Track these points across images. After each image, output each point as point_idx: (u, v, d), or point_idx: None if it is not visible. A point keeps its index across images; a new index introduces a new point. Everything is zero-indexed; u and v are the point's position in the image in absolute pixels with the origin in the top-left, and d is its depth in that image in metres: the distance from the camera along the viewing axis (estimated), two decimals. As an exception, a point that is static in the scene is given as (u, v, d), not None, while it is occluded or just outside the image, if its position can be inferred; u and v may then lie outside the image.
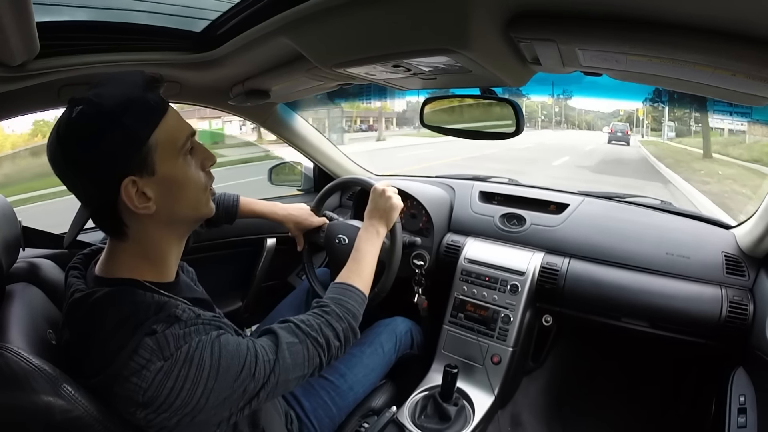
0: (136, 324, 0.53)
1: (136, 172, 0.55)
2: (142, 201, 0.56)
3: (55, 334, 0.62)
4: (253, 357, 0.59)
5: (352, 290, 0.79)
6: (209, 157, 0.64)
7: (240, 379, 0.57)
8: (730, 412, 0.93)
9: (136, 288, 0.57)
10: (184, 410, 0.52)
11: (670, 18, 0.50)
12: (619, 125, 15.15)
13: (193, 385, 0.52)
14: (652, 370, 1.38)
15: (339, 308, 0.74)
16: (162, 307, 0.55)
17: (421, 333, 1.24)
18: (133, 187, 0.55)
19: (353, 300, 0.78)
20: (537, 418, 1.33)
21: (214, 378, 0.54)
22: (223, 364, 0.55)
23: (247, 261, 1.52)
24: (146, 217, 0.57)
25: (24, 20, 0.52)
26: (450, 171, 1.69)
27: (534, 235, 1.28)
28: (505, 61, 0.69)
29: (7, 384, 0.48)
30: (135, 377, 0.51)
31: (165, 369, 0.52)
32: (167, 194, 0.58)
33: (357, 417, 1.00)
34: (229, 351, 0.56)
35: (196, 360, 0.53)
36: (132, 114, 0.54)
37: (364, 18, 0.63)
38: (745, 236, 1.08)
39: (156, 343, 0.52)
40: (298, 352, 0.64)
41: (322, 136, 1.58)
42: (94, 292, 0.56)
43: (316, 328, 0.68)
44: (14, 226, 0.80)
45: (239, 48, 0.82)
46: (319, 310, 0.73)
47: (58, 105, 0.96)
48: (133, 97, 0.55)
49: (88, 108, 0.54)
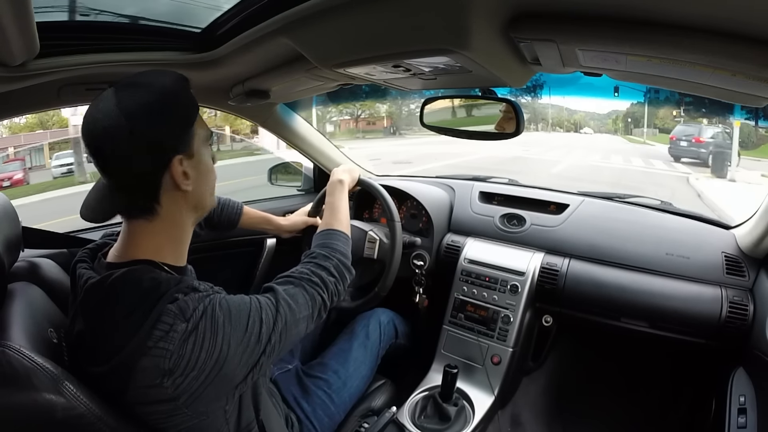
0: (159, 294, 0.55)
1: (183, 151, 0.60)
2: (184, 179, 0.61)
3: (56, 333, 0.62)
4: (257, 303, 0.62)
5: (333, 233, 0.85)
6: (213, 153, 0.70)
7: (251, 323, 0.59)
8: (730, 412, 0.93)
9: (153, 267, 0.60)
10: (209, 363, 0.54)
11: (669, 18, 0.50)
12: (685, 130, 8.72)
13: (212, 335, 0.55)
14: (652, 370, 1.38)
15: (324, 250, 0.80)
16: (180, 281, 0.58)
17: (404, 323, 1.25)
18: (179, 165, 0.60)
19: (337, 240, 0.83)
20: (537, 418, 1.33)
21: (229, 324, 0.57)
22: (233, 311, 0.58)
23: (247, 261, 1.52)
24: (180, 197, 0.62)
25: (24, 20, 0.52)
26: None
27: (534, 236, 1.28)
28: (505, 61, 0.69)
29: (8, 382, 0.49)
30: (162, 342, 0.53)
31: (189, 329, 0.54)
32: (199, 176, 0.64)
33: (357, 417, 1.00)
34: (234, 300, 0.60)
35: (209, 314, 0.56)
36: (185, 97, 0.62)
37: (364, 18, 0.63)
38: (745, 236, 1.08)
39: (177, 308, 0.55)
40: (296, 294, 0.68)
41: (323, 136, 1.58)
42: (110, 275, 0.57)
43: (306, 272, 0.73)
44: (15, 225, 0.80)
45: (239, 48, 0.82)
46: (306, 258, 0.78)
47: (58, 105, 0.96)
48: (180, 87, 0.61)
49: (151, 87, 0.59)
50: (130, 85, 0.58)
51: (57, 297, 0.73)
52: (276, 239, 1.51)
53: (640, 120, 14.75)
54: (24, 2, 0.49)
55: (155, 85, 0.59)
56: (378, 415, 1.00)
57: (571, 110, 19.42)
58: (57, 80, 0.83)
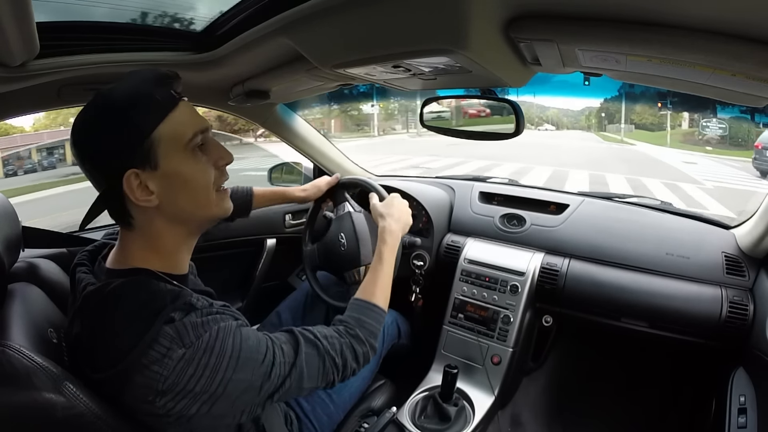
0: (154, 312, 0.53)
1: (139, 165, 0.56)
2: (144, 194, 0.57)
3: (56, 333, 0.62)
4: (272, 357, 0.59)
5: (374, 309, 0.77)
6: (224, 155, 0.64)
7: (256, 375, 0.57)
8: (730, 412, 0.93)
9: (150, 278, 0.57)
10: (203, 397, 0.53)
11: (669, 18, 0.50)
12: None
13: (212, 373, 0.53)
14: (652, 370, 1.38)
15: (363, 331, 0.73)
16: (178, 296, 0.56)
17: (407, 323, 1.25)
18: (135, 180, 0.56)
19: (375, 320, 0.76)
20: (537, 418, 1.33)
21: (233, 369, 0.54)
22: (243, 357, 0.55)
23: (247, 261, 1.52)
24: (151, 210, 0.58)
25: (24, 20, 0.52)
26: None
27: (534, 236, 1.28)
28: (505, 61, 0.69)
29: (8, 381, 0.49)
30: (156, 365, 0.51)
31: (186, 357, 0.52)
32: (170, 189, 0.58)
33: (357, 417, 1.00)
34: (249, 345, 0.57)
35: (217, 348, 0.53)
36: (138, 108, 0.55)
37: (364, 18, 0.63)
38: (745, 236, 1.08)
39: (175, 331, 0.52)
40: (314, 365, 0.64)
41: (322, 136, 1.58)
42: (109, 283, 0.56)
43: (337, 348, 0.67)
44: (15, 225, 0.80)
45: (239, 48, 0.82)
46: (344, 329, 0.72)
47: (58, 105, 0.96)
48: (141, 92, 0.57)
49: (101, 100, 0.56)
50: (96, 95, 0.57)
51: (57, 297, 0.73)
52: (276, 239, 1.51)
53: (615, 115, 13.28)
54: (24, 2, 0.49)
55: (106, 96, 0.56)
56: (378, 415, 1.00)
57: (544, 107, 18.30)
58: (57, 80, 0.83)
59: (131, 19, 0.83)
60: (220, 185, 0.64)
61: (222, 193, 0.65)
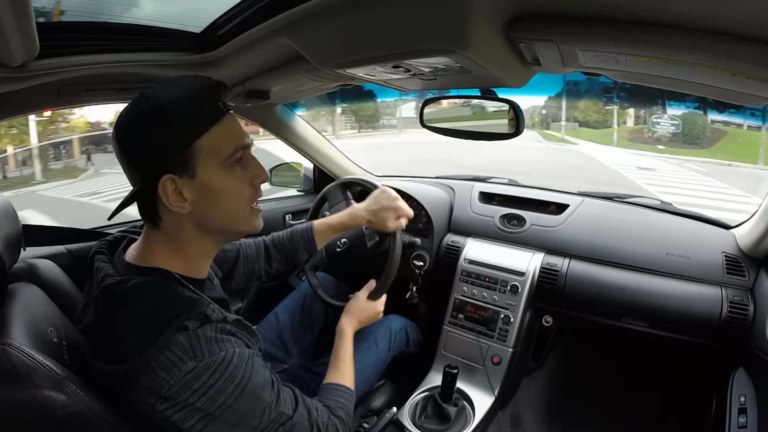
0: (167, 319, 0.54)
1: (176, 172, 0.57)
2: (178, 200, 0.58)
3: (56, 333, 0.62)
4: (275, 402, 0.59)
5: (344, 392, 0.81)
6: (260, 174, 0.64)
7: (254, 411, 0.57)
8: (731, 412, 0.93)
9: (169, 281, 0.58)
10: (200, 414, 0.53)
11: (669, 18, 0.50)
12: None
13: (216, 394, 0.53)
14: (653, 370, 1.38)
15: (342, 412, 0.75)
16: (194, 304, 0.56)
17: (417, 331, 1.24)
18: (171, 185, 0.57)
19: (350, 402, 0.80)
20: (537, 418, 1.33)
21: (236, 397, 0.55)
22: (248, 389, 0.56)
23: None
24: (181, 215, 0.59)
25: (24, 20, 0.52)
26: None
27: (534, 236, 1.28)
28: (505, 61, 0.69)
29: (9, 379, 0.49)
30: (164, 372, 0.51)
31: (196, 371, 0.52)
32: (203, 199, 0.59)
33: (357, 417, 1.00)
34: (257, 380, 0.57)
35: (227, 373, 0.54)
36: (181, 116, 0.57)
37: (364, 18, 0.63)
38: (745, 236, 1.08)
39: (188, 341, 0.53)
40: (304, 428, 0.64)
41: (323, 137, 1.58)
42: (127, 280, 0.57)
43: (324, 421, 0.69)
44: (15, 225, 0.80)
45: (239, 48, 0.82)
46: (330, 410, 0.73)
47: (59, 105, 0.96)
48: (186, 99, 0.58)
49: (144, 102, 0.57)
50: (141, 95, 0.58)
51: (57, 297, 0.73)
52: None
53: (558, 113, 12.38)
54: (24, 2, 0.49)
55: (151, 99, 0.57)
56: (378, 415, 1.00)
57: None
58: (57, 81, 0.83)
59: (131, 19, 0.83)
60: (253, 202, 0.65)
61: (254, 211, 0.66)
